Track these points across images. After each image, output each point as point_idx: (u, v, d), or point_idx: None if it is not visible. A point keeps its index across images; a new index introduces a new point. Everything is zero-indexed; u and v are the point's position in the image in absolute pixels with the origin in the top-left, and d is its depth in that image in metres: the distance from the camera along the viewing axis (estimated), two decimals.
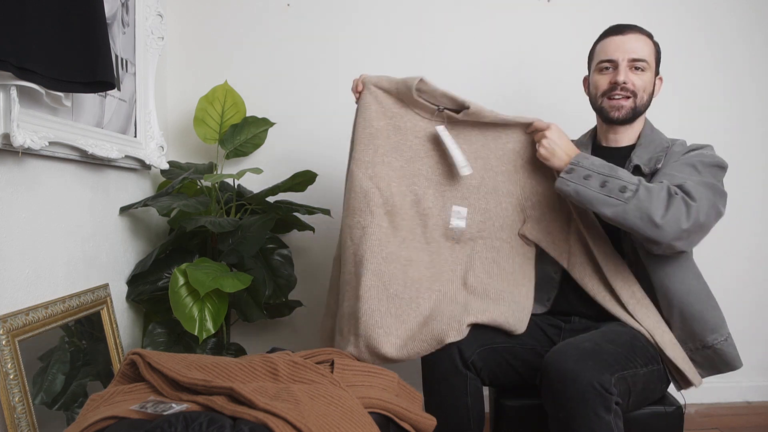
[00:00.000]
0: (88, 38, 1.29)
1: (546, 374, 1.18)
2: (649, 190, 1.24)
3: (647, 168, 1.40)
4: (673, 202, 1.23)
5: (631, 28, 1.45)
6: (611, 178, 1.27)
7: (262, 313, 1.86)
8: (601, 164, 1.30)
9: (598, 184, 1.27)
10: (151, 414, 0.98)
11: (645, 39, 1.44)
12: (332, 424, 0.97)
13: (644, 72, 1.42)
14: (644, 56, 1.42)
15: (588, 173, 1.29)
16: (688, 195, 1.25)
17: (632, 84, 1.42)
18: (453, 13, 2.17)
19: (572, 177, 1.30)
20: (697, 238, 1.29)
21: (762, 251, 2.24)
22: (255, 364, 1.16)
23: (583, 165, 1.30)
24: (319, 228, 2.10)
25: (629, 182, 1.26)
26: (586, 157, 1.33)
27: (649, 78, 1.43)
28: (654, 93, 1.47)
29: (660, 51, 1.48)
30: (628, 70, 1.42)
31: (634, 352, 1.26)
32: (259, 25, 2.16)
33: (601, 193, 1.26)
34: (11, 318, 1.23)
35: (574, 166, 1.31)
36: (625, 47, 1.42)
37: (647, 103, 1.46)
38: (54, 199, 1.42)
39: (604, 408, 1.11)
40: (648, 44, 1.44)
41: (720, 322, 1.35)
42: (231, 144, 2.00)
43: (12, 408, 1.19)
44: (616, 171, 1.29)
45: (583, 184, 1.28)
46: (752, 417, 2.11)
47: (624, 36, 1.44)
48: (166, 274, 1.79)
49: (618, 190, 1.25)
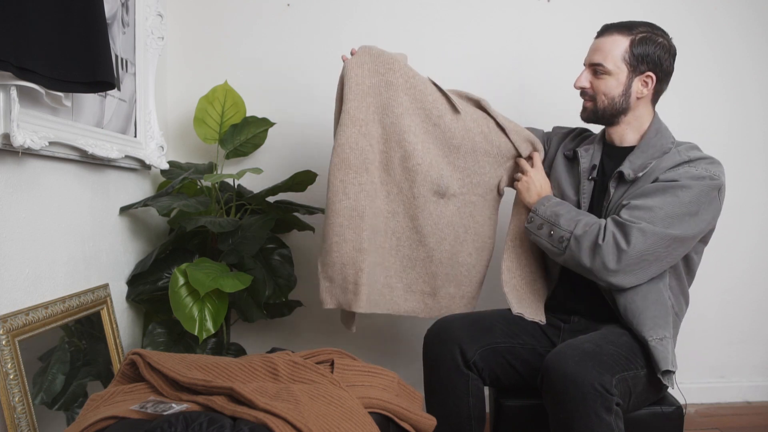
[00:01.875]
0: (88, 38, 1.29)
1: (547, 375, 1.18)
2: (578, 240, 1.32)
3: (632, 175, 1.37)
4: (600, 249, 1.28)
5: (607, 30, 1.43)
6: (555, 228, 1.37)
7: (262, 313, 1.86)
8: (552, 213, 1.39)
9: (547, 233, 1.39)
10: (151, 414, 0.98)
11: (616, 40, 1.39)
12: (332, 424, 0.97)
13: (605, 75, 1.39)
14: (602, 61, 1.39)
15: (540, 222, 1.41)
16: (625, 237, 1.27)
17: (590, 87, 1.43)
18: (453, 13, 2.17)
19: (531, 227, 1.44)
20: (648, 272, 1.30)
21: (763, 252, 2.24)
22: (255, 364, 1.16)
23: (538, 213, 1.42)
24: (319, 228, 2.10)
25: (566, 231, 1.34)
26: (543, 204, 1.43)
27: (612, 82, 1.39)
28: (635, 93, 1.40)
29: (652, 46, 1.39)
30: (589, 74, 1.43)
31: (635, 354, 1.26)
32: (259, 24, 2.16)
33: (549, 243, 1.38)
34: (11, 318, 1.23)
35: (534, 215, 1.44)
36: (590, 52, 1.44)
37: (617, 106, 1.41)
38: (54, 199, 1.42)
39: (605, 409, 1.11)
40: (618, 45, 1.38)
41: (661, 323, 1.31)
42: (231, 144, 2.00)
43: (12, 408, 1.19)
44: (558, 219, 1.37)
45: (538, 233, 1.42)
46: (752, 417, 2.11)
47: (598, 39, 1.44)
48: (166, 274, 1.79)
49: (558, 240, 1.36)
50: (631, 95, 1.40)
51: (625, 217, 1.29)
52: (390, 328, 2.20)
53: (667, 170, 1.33)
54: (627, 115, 1.43)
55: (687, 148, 1.40)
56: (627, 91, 1.40)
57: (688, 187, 1.29)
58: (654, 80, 1.40)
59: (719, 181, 1.31)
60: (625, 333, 1.32)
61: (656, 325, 1.29)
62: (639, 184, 1.35)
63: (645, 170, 1.35)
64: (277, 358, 1.19)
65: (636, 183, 1.36)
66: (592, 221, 1.33)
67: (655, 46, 1.39)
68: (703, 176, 1.30)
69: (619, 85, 1.39)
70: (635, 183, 1.36)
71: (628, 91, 1.40)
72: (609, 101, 1.41)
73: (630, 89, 1.40)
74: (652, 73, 1.39)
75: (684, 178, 1.30)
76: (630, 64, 1.38)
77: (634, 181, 1.36)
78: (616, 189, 1.39)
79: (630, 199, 1.33)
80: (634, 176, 1.36)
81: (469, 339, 1.36)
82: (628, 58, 1.38)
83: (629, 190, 1.36)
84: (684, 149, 1.39)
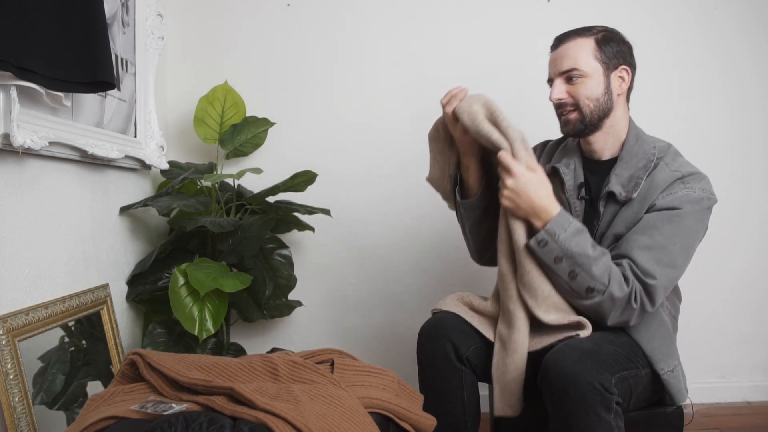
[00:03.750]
0: (89, 38, 1.29)
1: (546, 374, 1.18)
2: (614, 300, 1.21)
3: (623, 194, 1.31)
4: (629, 313, 1.24)
5: (564, 38, 1.36)
6: (582, 271, 1.21)
7: (262, 313, 1.86)
8: (579, 249, 1.22)
9: (567, 271, 1.23)
10: (151, 414, 0.98)
11: (580, 43, 1.33)
12: (332, 424, 0.97)
13: (582, 78, 1.32)
14: (574, 65, 1.32)
15: (559, 255, 1.22)
16: (650, 300, 1.23)
17: (569, 96, 1.34)
18: (453, 13, 2.17)
19: (544, 253, 1.24)
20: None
21: (763, 251, 2.24)
22: (255, 364, 1.16)
23: (558, 240, 1.22)
24: (319, 228, 2.10)
25: (598, 283, 1.21)
26: (563, 225, 1.23)
27: (592, 83, 1.32)
28: (615, 90, 1.35)
29: (616, 43, 1.35)
30: (563, 84, 1.35)
31: (635, 353, 1.26)
32: (260, 25, 2.16)
33: (568, 284, 1.24)
34: (11, 318, 1.23)
35: (548, 238, 1.23)
36: (555, 63, 1.37)
37: (603, 106, 1.34)
38: (54, 199, 1.42)
39: (604, 408, 1.11)
40: (584, 47, 1.33)
41: (667, 351, 1.31)
42: (231, 144, 2.00)
43: (12, 408, 1.19)
44: (590, 264, 1.21)
45: (552, 265, 1.24)
46: (752, 417, 2.10)
47: (556, 51, 1.37)
48: (166, 274, 1.79)
49: (584, 288, 1.22)
50: (612, 93, 1.35)
51: (647, 268, 1.23)
52: (390, 328, 2.20)
53: (663, 192, 1.28)
54: (609, 117, 1.36)
55: (671, 157, 1.34)
56: (608, 89, 1.34)
57: (691, 214, 1.26)
58: (629, 73, 1.37)
59: (714, 199, 1.30)
60: (625, 332, 1.32)
61: (664, 354, 1.29)
62: (633, 207, 1.30)
63: (637, 190, 1.30)
64: (277, 358, 1.19)
65: (629, 204, 1.31)
66: (620, 275, 1.23)
67: (617, 42, 1.36)
68: (701, 198, 1.27)
69: (599, 84, 1.33)
70: (628, 204, 1.31)
71: (609, 88, 1.34)
72: (594, 104, 1.33)
73: (610, 86, 1.34)
74: (626, 66, 1.36)
75: (685, 204, 1.26)
76: (603, 61, 1.33)
77: (627, 201, 1.31)
78: (606, 208, 1.34)
79: (637, 233, 1.26)
80: (626, 197, 1.30)
81: (462, 335, 1.36)
82: (599, 56, 1.33)
83: (622, 212, 1.31)
84: (670, 159, 1.33)
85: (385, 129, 2.17)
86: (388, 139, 2.17)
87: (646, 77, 2.20)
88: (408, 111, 2.17)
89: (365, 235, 2.19)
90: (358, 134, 2.17)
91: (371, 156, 2.17)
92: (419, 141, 2.19)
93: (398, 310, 2.20)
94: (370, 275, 2.19)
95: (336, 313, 2.20)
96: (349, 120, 2.18)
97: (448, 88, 1.50)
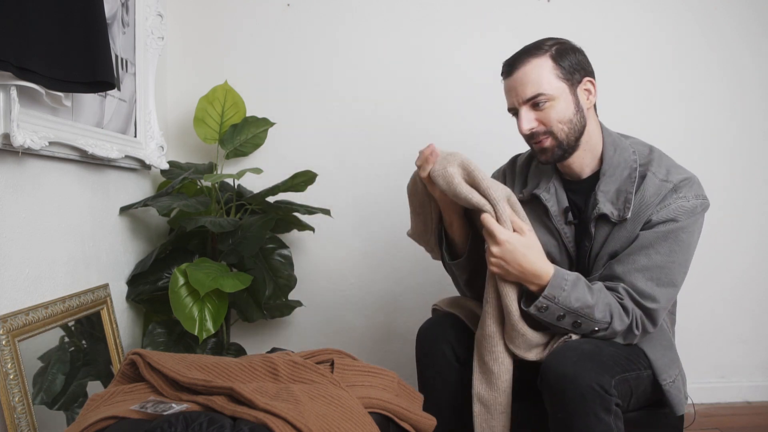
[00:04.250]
0: (89, 38, 1.29)
1: (545, 375, 1.18)
2: (616, 333, 1.23)
3: (615, 213, 1.26)
4: (632, 336, 1.25)
5: (517, 62, 1.28)
6: (585, 320, 1.20)
7: (262, 313, 1.86)
8: (581, 303, 1.18)
9: (571, 323, 1.21)
10: (151, 414, 0.98)
11: (536, 64, 1.25)
12: (332, 424, 0.97)
13: (550, 102, 1.24)
14: (538, 90, 1.24)
15: (562, 314, 1.19)
16: (652, 322, 1.23)
17: (540, 124, 1.26)
18: (452, 13, 2.17)
19: (546, 316, 1.20)
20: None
21: (763, 252, 2.24)
22: (255, 364, 1.16)
23: (558, 303, 1.18)
24: (319, 228, 2.10)
25: (601, 323, 1.20)
26: (561, 286, 1.18)
27: (561, 105, 1.25)
28: (584, 105, 1.28)
29: (571, 53, 1.28)
30: (531, 112, 1.27)
31: (636, 355, 1.26)
32: (260, 25, 2.16)
33: (572, 331, 1.23)
34: (11, 318, 1.23)
35: (548, 303, 1.18)
36: (515, 91, 1.27)
37: (577, 126, 1.27)
38: (54, 199, 1.42)
39: (604, 409, 1.11)
40: (543, 67, 1.25)
41: (668, 361, 1.29)
42: (231, 144, 2.00)
43: (12, 408, 1.19)
44: (592, 311, 1.18)
45: (555, 323, 1.21)
46: (752, 417, 2.10)
47: (511, 78, 1.28)
48: (166, 274, 1.79)
49: (588, 331, 1.22)
50: (582, 108, 1.28)
51: (646, 291, 1.22)
52: (390, 328, 2.20)
53: (657, 206, 1.24)
54: (584, 133, 1.29)
55: (657, 164, 1.28)
56: (578, 106, 1.27)
57: (687, 227, 1.24)
58: (594, 85, 1.30)
59: (707, 203, 1.27)
60: None
61: (665, 365, 1.28)
62: (627, 225, 1.26)
63: (630, 208, 1.25)
64: (277, 358, 1.19)
65: (623, 224, 1.27)
66: (619, 307, 1.22)
67: (572, 51, 1.28)
68: (695, 206, 1.24)
69: (569, 104, 1.26)
70: (622, 224, 1.27)
71: (579, 106, 1.27)
72: (568, 126, 1.26)
73: (579, 103, 1.27)
74: (588, 77, 1.29)
75: (681, 217, 1.23)
76: (565, 78, 1.25)
77: (621, 221, 1.27)
78: (598, 229, 1.30)
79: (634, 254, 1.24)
80: (619, 217, 1.26)
81: (460, 335, 1.36)
82: (560, 73, 1.25)
83: (616, 232, 1.28)
84: (656, 167, 1.28)
85: (385, 129, 2.17)
86: (388, 139, 2.17)
87: (647, 77, 2.20)
88: (408, 111, 2.17)
89: (365, 235, 2.19)
90: (358, 134, 2.17)
91: (371, 156, 2.17)
92: (419, 141, 2.18)
93: (398, 310, 2.20)
94: (370, 275, 2.19)
95: (336, 313, 2.20)
96: (349, 120, 2.18)
97: (449, 88, 1.50)
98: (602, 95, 2.15)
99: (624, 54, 2.17)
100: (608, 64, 2.16)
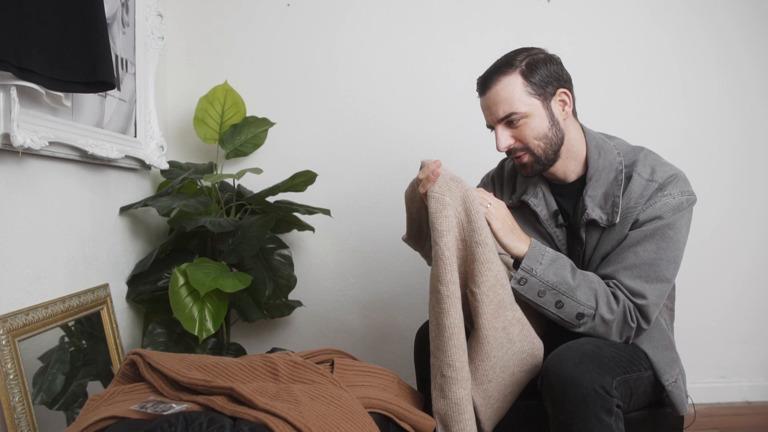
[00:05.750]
0: (88, 38, 1.29)
1: (546, 377, 1.18)
2: (607, 323, 1.21)
3: (604, 218, 1.27)
4: (628, 331, 1.25)
5: (488, 81, 1.28)
6: (568, 299, 1.20)
7: (262, 313, 1.86)
8: (559, 278, 1.20)
9: (553, 303, 1.22)
10: (151, 414, 0.98)
11: (506, 82, 1.25)
12: (332, 424, 0.97)
13: (524, 119, 1.25)
14: (510, 109, 1.25)
15: (542, 289, 1.21)
16: (645, 319, 1.24)
17: (516, 141, 1.28)
18: (452, 12, 2.17)
19: (525, 290, 1.22)
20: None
21: (764, 252, 2.24)
22: (255, 364, 1.16)
23: (536, 275, 1.20)
24: (319, 228, 2.10)
25: (586, 307, 1.20)
26: (537, 258, 1.21)
27: (535, 121, 1.26)
28: (560, 117, 1.28)
29: (542, 65, 1.26)
30: (506, 129, 1.28)
31: (637, 356, 1.26)
32: (259, 25, 2.16)
33: (557, 314, 1.23)
34: (11, 318, 1.23)
35: (527, 275, 1.21)
36: (490, 110, 1.28)
37: (554, 139, 1.28)
38: (54, 199, 1.42)
39: (605, 411, 1.11)
40: (513, 85, 1.25)
41: (670, 361, 1.29)
42: (231, 144, 2.00)
43: (12, 408, 1.19)
44: (574, 291, 1.20)
45: (538, 300, 1.22)
46: (752, 417, 2.10)
47: (484, 97, 1.29)
48: (166, 274, 1.79)
49: (573, 315, 1.22)
50: (558, 121, 1.28)
51: (635, 288, 1.23)
52: (390, 328, 2.20)
53: (643, 205, 1.25)
54: (564, 144, 1.30)
55: (642, 164, 1.29)
56: (553, 119, 1.27)
57: (674, 223, 1.24)
58: (569, 94, 1.29)
59: (694, 198, 1.27)
60: None
61: (666, 365, 1.28)
62: (616, 228, 1.27)
63: (618, 212, 1.26)
64: (277, 358, 1.19)
65: (612, 228, 1.28)
66: (607, 294, 1.22)
67: (543, 63, 1.27)
68: (681, 203, 1.24)
69: (543, 119, 1.26)
70: (611, 227, 1.28)
71: (554, 119, 1.27)
72: (545, 141, 1.27)
73: (554, 117, 1.27)
74: (562, 89, 1.28)
75: (667, 215, 1.24)
76: (537, 94, 1.26)
77: (610, 225, 1.28)
78: (588, 234, 1.31)
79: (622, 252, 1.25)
80: (608, 222, 1.26)
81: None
82: (532, 89, 1.25)
83: (606, 235, 1.29)
84: (641, 168, 1.28)
85: (385, 129, 2.17)
86: (388, 139, 2.17)
87: (647, 76, 2.20)
88: (408, 111, 2.17)
89: (365, 235, 2.19)
90: (358, 134, 2.17)
91: (371, 156, 2.17)
92: (419, 141, 2.19)
93: (398, 310, 2.20)
94: (370, 275, 2.19)
95: (336, 313, 2.20)
96: (349, 120, 2.18)
97: (448, 88, 1.49)
98: (602, 94, 2.17)
99: (624, 53, 2.17)
100: (608, 62, 2.17)
